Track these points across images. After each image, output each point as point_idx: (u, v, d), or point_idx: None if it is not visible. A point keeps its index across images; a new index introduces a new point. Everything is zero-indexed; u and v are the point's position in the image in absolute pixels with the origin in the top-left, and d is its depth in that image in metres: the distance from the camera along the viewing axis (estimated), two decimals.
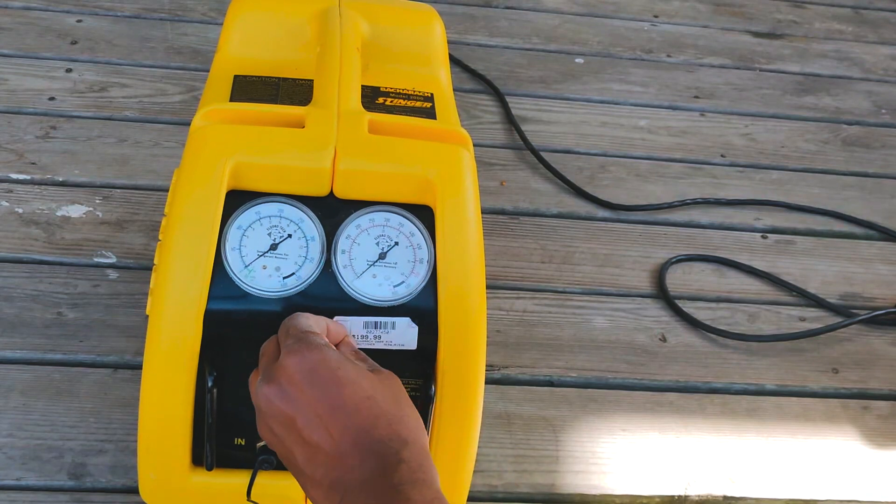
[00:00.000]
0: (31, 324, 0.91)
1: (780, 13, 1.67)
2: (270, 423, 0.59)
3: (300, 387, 0.58)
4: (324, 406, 0.57)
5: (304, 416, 0.57)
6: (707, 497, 0.86)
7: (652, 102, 1.37)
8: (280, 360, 0.59)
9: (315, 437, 0.57)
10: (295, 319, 0.63)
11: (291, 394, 0.58)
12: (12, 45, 1.27)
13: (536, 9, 1.55)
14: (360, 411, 0.57)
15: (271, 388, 0.59)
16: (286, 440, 0.58)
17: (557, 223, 1.14)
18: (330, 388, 0.58)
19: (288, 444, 0.58)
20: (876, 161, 1.33)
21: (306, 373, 0.58)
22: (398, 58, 0.84)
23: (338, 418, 0.57)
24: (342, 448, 0.56)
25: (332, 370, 0.58)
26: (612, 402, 0.94)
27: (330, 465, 0.56)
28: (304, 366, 0.58)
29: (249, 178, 0.67)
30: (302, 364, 0.58)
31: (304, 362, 0.58)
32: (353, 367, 0.60)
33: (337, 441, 0.56)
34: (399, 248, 0.68)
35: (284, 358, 0.59)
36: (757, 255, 1.14)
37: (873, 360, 1.03)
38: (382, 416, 0.57)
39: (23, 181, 1.07)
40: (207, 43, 1.33)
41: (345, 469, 0.56)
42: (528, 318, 1.01)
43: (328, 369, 0.58)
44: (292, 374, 0.58)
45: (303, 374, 0.58)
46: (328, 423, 0.57)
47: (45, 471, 0.79)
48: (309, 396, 0.57)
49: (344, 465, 0.56)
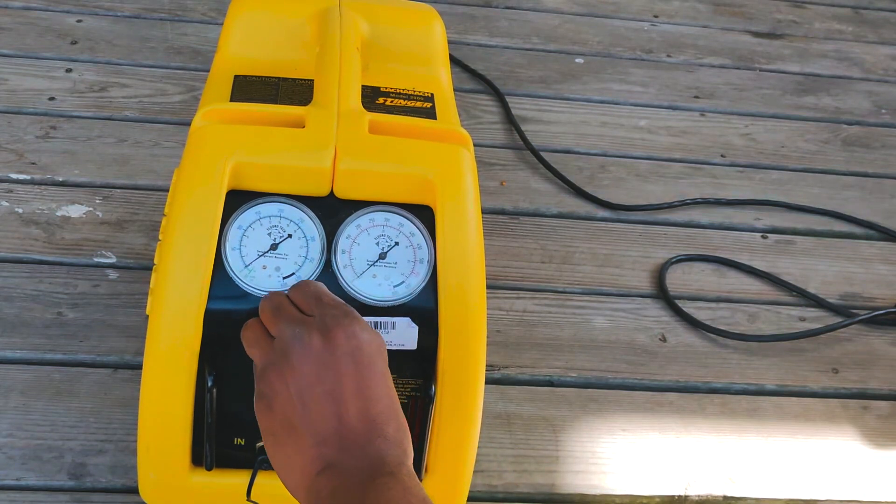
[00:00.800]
0: (31, 324, 0.91)
1: (780, 13, 1.67)
2: (289, 377, 0.58)
3: (342, 358, 0.58)
4: (352, 385, 0.57)
5: (329, 385, 0.57)
6: (707, 497, 0.86)
7: (652, 102, 1.37)
8: (328, 325, 0.59)
9: (335, 406, 0.57)
10: (322, 288, 0.63)
11: (330, 360, 0.58)
12: (12, 45, 1.27)
13: (536, 9, 1.55)
14: (379, 404, 0.58)
15: (313, 348, 0.58)
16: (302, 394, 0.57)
17: (557, 223, 1.14)
18: (365, 371, 0.58)
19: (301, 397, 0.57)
20: (876, 161, 1.33)
21: (353, 348, 0.58)
22: (398, 58, 0.84)
23: (358, 402, 0.57)
24: (349, 430, 0.57)
25: (374, 356, 0.59)
26: (612, 402, 0.94)
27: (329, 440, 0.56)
28: (353, 341, 0.58)
29: (249, 177, 0.67)
30: (352, 338, 0.58)
31: (353, 338, 0.58)
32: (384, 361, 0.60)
33: (347, 421, 0.57)
34: (399, 248, 0.68)
35: (336, 326, 0.59)
36: (757, 255, 1.14)
37: (873, 360, 1.03)
38: (396, 420, 0.58)
39: (23, 181, 1.07)
40: (207, 43, 1.33)
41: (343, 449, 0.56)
42: (528, 318, 1.01)
43: (371, 353, 0.59)
44: (340, 343, 0.58)
45: (350, 347, 0.58)
46: (355, 403, 0.57)
47: (45, 471, 0.79)
48: (345, 370, 0.58)
49: (344, 446, 0.56)
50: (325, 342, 0.58)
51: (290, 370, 0.58)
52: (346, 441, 0.56)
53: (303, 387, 0.58)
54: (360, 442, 0.56)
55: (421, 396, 0.70)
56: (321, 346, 0.58)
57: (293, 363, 0.58)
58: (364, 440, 0.56)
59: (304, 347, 0.58)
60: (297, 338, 0.59)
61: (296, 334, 0.59)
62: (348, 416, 0.57)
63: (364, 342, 0.59)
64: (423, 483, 0.72)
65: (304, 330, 0.59)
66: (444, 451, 0.72)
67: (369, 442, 0.56)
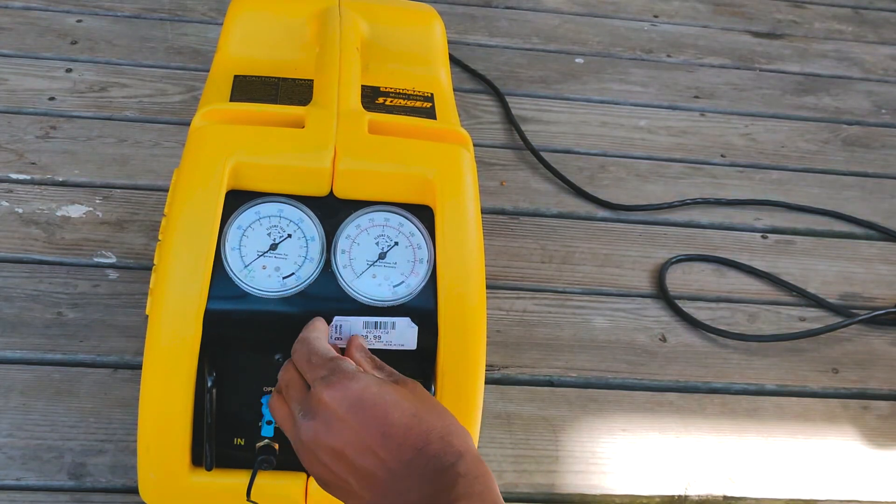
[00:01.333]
0: (31, 324, 0.91)
1: (780, 13, 1.67)
2: (319, 455, 0.58)
3: (346, 420, 0.57)
4: (373, 435, 0.57)
5: (354, 447, 0.57)
6: (707, 497, 0.86)
7: (652, 102, 1.37)
8: (317, 394, 0.58)
9: (369, 465, 0.56)
10: (311, 344, 0.62)
11: (337, 428, 0.57)
12: (12, 45, 1.27)
13: (536, 9, 1.55)
14: (409, 432, 0.57)
15: (316, 424, 0.58)
16: (339, 471, 0.58)
17: (557, 223, 1.14)
18: (377, 416, 0.57)
19: (341, 474, 0.58)
20: (876, 161, 1.33)
21: (350, 406, 0.57)
22: (398, 58, 0.84)
23: (389, 444, 0.56)
24: (396, 472, 0.56)
25: (375, 397, 0.58)
26: (612, 402, 0.94)
27: (387, 491, 0.56)
28: (347, 399, 0.57)
29: (249, 177, 0.67)
30: (344, 398, 0.58)
31: (346, 396, 0.58)
32: (391, 388, 0.59)
33: (391, 467, 0.56)
34: (399, 247, 0.68)
35: (322, 391, 0.58)
36: (757, 255, 1.14)
37: (873, 360, 1.03)
38: (433, 432, 0.57)
39: (23, 181, 1.07)
40: (207, 43, 1.33)
41: (401, 492, 0.55)
42: (528, 318, 1.01)
43: (371, 397, 0.58)
44: (335, 408, 0.57)
45: (347, 407, 0.57)
46: (380, 451, 0.56)
47: (45, 471, 0.79)
48: (356, 428, 0.57)
49: (400, 489, 0.55)
50: (323, 415, 0.58)
51: (315, 451, 0.59)
52: (401, 485, 0.56)
53: (333, 460, 0.58)
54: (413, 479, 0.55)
55: None
56: (323, 420, 0.58)
57: (310, 447, 0.59)
58: (413, 474, 0.55)
59: (309, 429, 0.58)
60: (302, 421, 0.59)
61: (300, 417, 0.59)
62: (390, 460, 0.56)
63: (358, 390, 0.58)
64: None
65: (304, 411, 0.59)
66: None
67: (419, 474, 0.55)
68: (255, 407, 0.69)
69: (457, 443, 0.56)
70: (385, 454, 0.56)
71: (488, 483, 0.55)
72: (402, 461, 0.56)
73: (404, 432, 0.57)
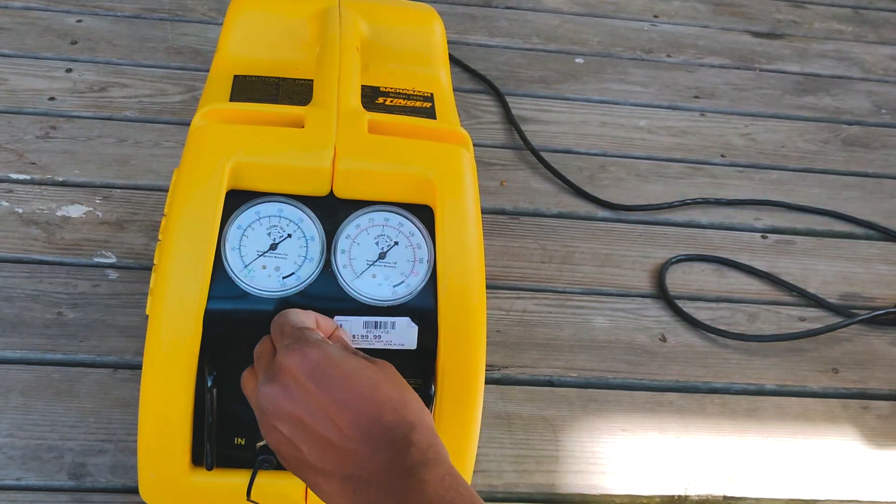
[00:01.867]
0: (31, 324, 0.91)
1: (780, 13, 1.67)
2: (275, 423, 0.59)
3: (304, 385, 0.58)
4: (330, 401, 0.57)
5: (311, 413, 0.57)
6: (707, 497, 0.86)
7: (652, 102, 1.37)
8: (279, 360, 0.59)
9: (324, 431, 0.57)
10: (286, 316, 0.63)
11: (295, 393, 0.58)
12: (12, 45, 1.27)
13: (536, 9, 1.55)
14: (365, 401, 0.57)
15: (274, 388, 0.59)
16: (294, 438, 0.58)
17: (557, 223, 1.14)
18: (334, 382, 0.58)
19: (296, 441, 0.58)
20: (876, 161, 1.33)
21: (309, 370, 0.58)
22: (398, 58, 0.84)
23: (345, 411, 0.57)
24: (352, 440, 0.56)
25: (335, 365, 0.58)
26: (612, 402, 0.94)
27: (341, 458, 0.57)
28: (307, 364, 0.58)
29: (249, 177, 0.67)
30: (304, 362, 0.58)
31: (305, 360, 0.58)
32: (353, 358, 0.60)
33: (347, 434, 0.57)
34: (399, 247, 0.68)
35: (284, 357, 0.59)
36: (757, 255, 1.14)
37: (873, 360, 1.03)
38: (388, 403, 0.57)
39: (23, 181, 1.07)
40: (207, 43, 1.33)
41: (357, 460, 0.56)
42: (528, 318, 1.01)
43: (331, 364, 0.58)
44: (295, 373, 0.58)
45: (306, 372, 0.58)
46: (336, 418, 0.57)
47: (45, 471, 0.79)
48: (314, 393, 0.57)
49: (356, 457, 0.56)
50: (281, 380, 0.58)
51: (271, 418, 0.59)
52: (357, 454, 0.56)
53: (290, 428, 0.58)
54: (369, 448, 0.56)
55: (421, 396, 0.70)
56: (280, 385, 0.58)
57: (271, 410, 0.59)
58: (370, 443, 0.56)
59: (267, 394, 0.59)
60: (261, 386, 0.59)
61: (260, 383, 0.60)
62: (346, 428, 0.57)
63: (316, 357, 0.58)
64: None
65: (264, 377, 0.60)
66: None
67: (375, 444, 0.56)
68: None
69: (410, 416, 0.57)
70: (341, 421, 0.57)
71: (440, 451, 0.56)
72: (357, 429, 0.56)
73: (360, 401, 0.57)
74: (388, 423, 0.57)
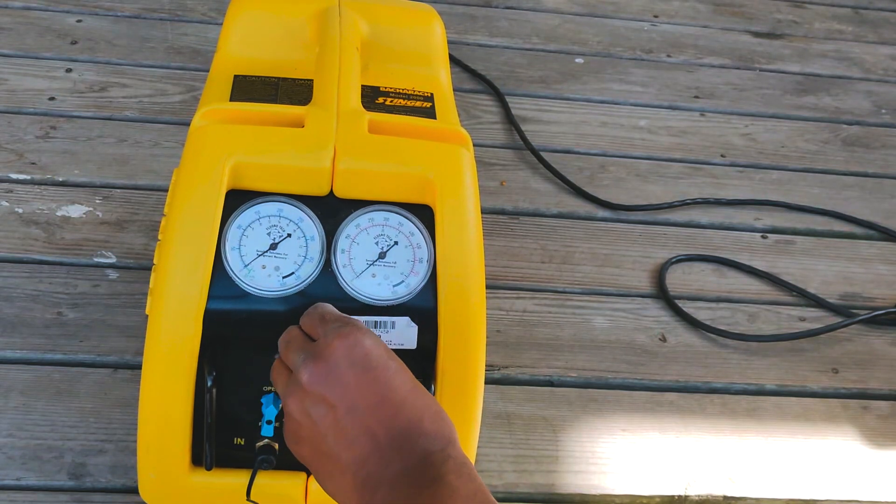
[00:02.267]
0: (31, 324, 0.91)
1: (780, 13, 1.67)
2: (307, 405, 0.57)
3: (351, 370, 0.56)
4: (372, 395, 0.56)
5: (348, 402, 0.56)
6: (707, 497, 0.86)
7: (652, 102, 1.37)
8: (328, 340, 0.58)
9: (356, 424, 0.55)
10: (325, 308, 0.63)
11: (340, 376, 0.56)
12: (12, 45, 1.27)
13: (536, 9, 1.55)
14: (406, 405, 0.56)
15: (318, 367, 0.57)
16: (322, 424, 0.56)
17: (557, 223, 1.14)
18: (378, 378, 0.56)
19: (322, 427, 0.56)
20: (876, 161, 1.33)
21: (359, 358, 0.57)
22: (398, 57, 0.84)
23: (384, 410, 0.56)
24: (384, 442, 0.55)
25: (381, 359, 0.57)
26: (612, 402, 0.94)
27: (367, 457, 0.55)
28: (358, 350, 0.57)
29: (249, 177, 0.67)
30: (355, 347, 0.57)
31: (357, 346, 0.57)
32: (396, 358, 0.58)
33: (378, 432, 0.55)
34: (398, 247, 0.68)
35: (335, 338, 0.57)
36: (757, 255, 1.14)
37: (873, 360, 1.03)
38: (427, 411, 0.56)
39: (23, 181, 1.07)
40: (207, 43, 1.33)
41: (384, 463, 0.55)
42: (528, 318, 1.01)
43: (378, 358, 0.57)
44: (341, 356, 0.57)
45: (355, 358, 0.57)
46: (372, 415, 0.55)
47: (45, 471, 0.79)
48: (358, 382, 0.56)
49: (384, 459, 0.55)
50: (328, 360, 0.57)
51: (305, 398, 0.57)
52: (384, 455, 0.55)
53: (322, 412, 0.56)
54: (399, 451, 0.55)
55: None
56: (326, 365, 0.57)
57: (306, 390, 0.57)
58: (402, 447, 0.55)
59: (311, 372, 0.57)
60: (303, 364, 0.58)
61: (301, 361, 0.58)
62: (378, 427, 0.55)
63: (369, 346, 0.57)
64: None
65: (308, 355, 0.58)
66: None
67: (408, 448, 0.55)
68: (255, 407, 0.69)
69: (447, 430, 0.56)
70: (375, 419, 0.55)
71: (473, 469, 0.55)
72: (391, 430, 0.55)
73: (401, 403, 0.56)
74: (427, 432, 0.55)
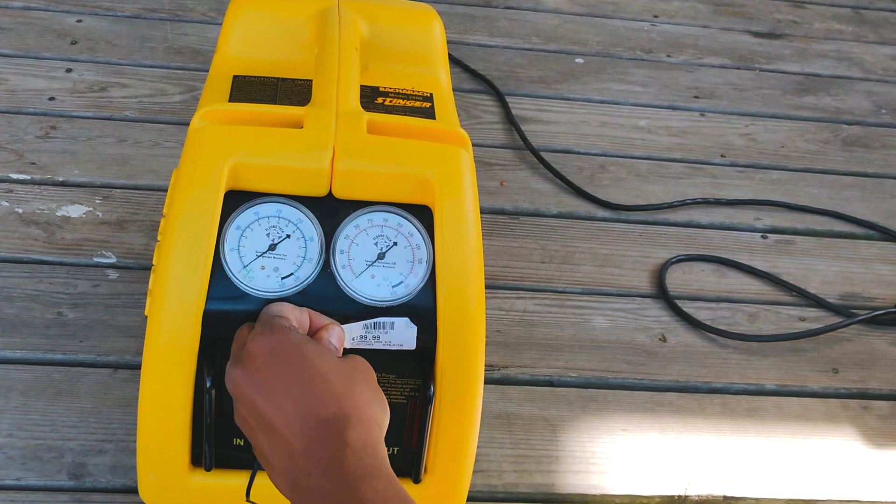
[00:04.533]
0: (31, 324, 0.91)
1: (780, 13, 1.67)
2: (238, 407, 0.60)
3: (261, 368, 0.58)
4: (279, 385, 0.58)
5: (263, 396, 0.58)
6: (707, 497, 0.86)
7: (652, 102, 1.37)
8: (246, 344, 0.60)
9: (271, 417, 0.57)
10: (267, 308, 0.64)
11: (253, 375, 0.59)
12: (12, 45, 1.27)
13: (536, 9, 1.55)
14: (308, 391, 0.57)
15: (235, 371, 0.60)
16: (252, 424, 0.59)
17: (557, 223, 1.14)
18: (286, 367, 0.58)
19: (254, 427, 0.59)
20: (876, 161, 1.33)
21: (266, 353, 0.59)
22: (397, 58, 0.84)
23: (288, 399, 0.57)
24: (289, 430, 0.56)
25: (291, 349, 0.59)
26: (612, 402, 0.94)
27: (281, 449, 0.56)
28: (265, 347, 0.59)
29: (248, 178, 0.67)
30: (263, 345, 0.59)
31: (264, 343, 0.59)
32: (313, 347, 0.60)
33: (287, 423, 0.57)
34: (398, 248, 0.68)
35: (249, 341, 0.60)
36: (757, 255, 1.14)
37: (873, 360, 1.03)
38: (330, 394, 0.57)
39: (23, 181, 1.07)
40: (207, 43, 1.33)
41: (291, 454, 0.56)
42: (528, 318, 1.01)
43: (287, 349, 0.59)
44: (255, 355, 0.59)
45: (263, 354, 0.59)
46: (282, 403, 0.57)
47: (45, 471, 0.79)
48: (268, 376, 0.58)
49: (290, 450, 0.56)
50: (248, 361, 0.59)
51: (236, 400, 0.60)
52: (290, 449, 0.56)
53: (249, 412, 0.59)
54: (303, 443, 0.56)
55: (420, 396, 0.70)
56: (246, 366, 0.59)
57: (233, 392, 0.60)
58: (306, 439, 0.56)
59: (233, 373, 0.60)
60: (229, 367, 0.61)
61: (228, 368, 0.61)
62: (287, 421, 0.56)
63: (275, 342, 0.59)
64: (424, 483, 0.72)
65: (232, 360, 0.61)
66: (443, 451, 0.72)
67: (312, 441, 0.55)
68: None
69: (349, 408, 0.57)
70: (285, 408, 0.57)
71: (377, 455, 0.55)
72: (295, 419, 0.56)
73: (305, 388, 0.57)
74: (325, 416, 0.56)
